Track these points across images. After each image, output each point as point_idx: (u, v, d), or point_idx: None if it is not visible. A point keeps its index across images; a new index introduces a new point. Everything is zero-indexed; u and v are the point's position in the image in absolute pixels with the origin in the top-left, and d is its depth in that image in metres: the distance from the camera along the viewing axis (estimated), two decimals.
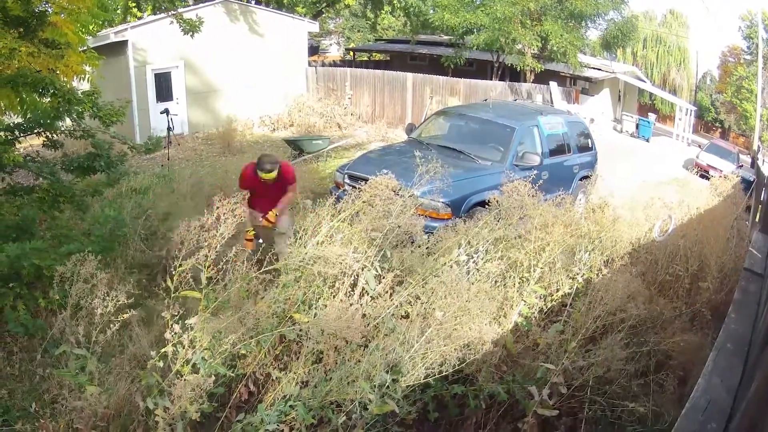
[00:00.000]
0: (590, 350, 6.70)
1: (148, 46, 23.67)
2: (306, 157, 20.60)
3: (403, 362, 5.89)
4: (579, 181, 14.94)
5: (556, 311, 7.94)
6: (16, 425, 6.66)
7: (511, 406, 6.47)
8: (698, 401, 3.85)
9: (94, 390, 5.71)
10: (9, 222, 7.96)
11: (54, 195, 8.58)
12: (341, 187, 12.77)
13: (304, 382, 5.72)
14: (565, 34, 29.45)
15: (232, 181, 13.02)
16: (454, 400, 6.53)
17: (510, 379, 6.53)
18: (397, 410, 5.55)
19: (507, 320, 7.33)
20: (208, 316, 5.73)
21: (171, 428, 5.33)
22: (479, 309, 6.30)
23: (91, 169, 8.92)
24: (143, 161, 16.22)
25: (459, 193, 11.54)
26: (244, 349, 5.85)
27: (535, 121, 13.90)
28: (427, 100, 28.61)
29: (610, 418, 6.54)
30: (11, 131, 8.54)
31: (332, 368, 5.83)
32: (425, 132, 14.77)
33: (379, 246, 7.38)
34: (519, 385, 6.39)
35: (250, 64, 27.25)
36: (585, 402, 6.64)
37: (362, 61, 50.10)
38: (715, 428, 3.60)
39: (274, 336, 6.00)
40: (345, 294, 6.61)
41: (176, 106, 24.77)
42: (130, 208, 11.16)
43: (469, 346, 6.02)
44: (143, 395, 5.60)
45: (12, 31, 7.66)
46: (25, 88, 7.93)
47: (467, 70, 37.17)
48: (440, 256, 7.57)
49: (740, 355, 4.50)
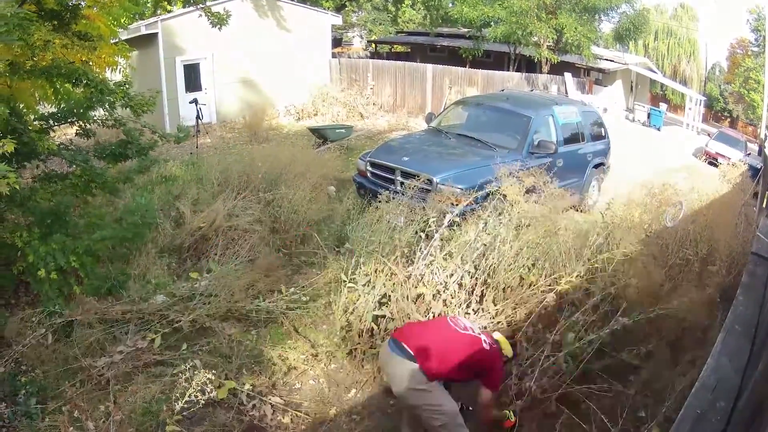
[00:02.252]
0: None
1: (177, 38, 23.68)
2: (329, 145, 20.54)
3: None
4: (592, 169, 14.86)
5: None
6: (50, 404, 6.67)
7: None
8: (708, 380, 3.86)
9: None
10: (44, 208, 7.96)
11: (87, 181, 8.55)
12: (363, 175, 12.76)
13: None
14: (579, 27, 29.20)
15: (259, 168, 13.01)
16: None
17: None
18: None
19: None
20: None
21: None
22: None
23: (123, 156, 8.92)
24: (173, 149, 16.21)
25: (477, 179, 11.42)
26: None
27: (550, 111, 13.83)
28: (447, 91, 28.49)
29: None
30: (46, 120, 8.53)
31: None
32: (444, 121, 14.73)
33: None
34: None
35: (275, 55, 27.16)
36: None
37: (384, 52, 49.97)
38: (724, 406, 3.61)
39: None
40: None
41: (205, 96, 24.72)
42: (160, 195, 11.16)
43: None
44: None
45: (47, 24, 7.62)
46: (59, 79, 7.94)
47: (485, 61, 37.04)
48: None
49: (748, 336, 4.52)
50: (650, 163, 21.35)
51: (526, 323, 7.26)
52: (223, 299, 8.43)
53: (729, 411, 3.60)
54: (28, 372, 7.38)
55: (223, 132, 23.99)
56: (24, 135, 7.50)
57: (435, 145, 13.24)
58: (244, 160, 13.90)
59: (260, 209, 11.37)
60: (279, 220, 11.28)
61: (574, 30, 29.05)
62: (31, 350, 7.44)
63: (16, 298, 8.43)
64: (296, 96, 28.16)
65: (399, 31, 50.45)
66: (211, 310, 8.21)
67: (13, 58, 7.38)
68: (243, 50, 25.79)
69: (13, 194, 6.64)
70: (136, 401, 6.72)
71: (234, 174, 12.78)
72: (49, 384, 7.13)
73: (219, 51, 24.98)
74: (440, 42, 42.33)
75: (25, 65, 7.52)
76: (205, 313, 8.13)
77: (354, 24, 51.47)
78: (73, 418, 6.42)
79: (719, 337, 4.42)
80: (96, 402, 6.82)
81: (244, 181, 12.52)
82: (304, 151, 16.66)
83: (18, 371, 7.35)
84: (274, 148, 16.75)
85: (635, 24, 32.46)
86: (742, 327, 4.61)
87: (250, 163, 13.44)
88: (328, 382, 7.72)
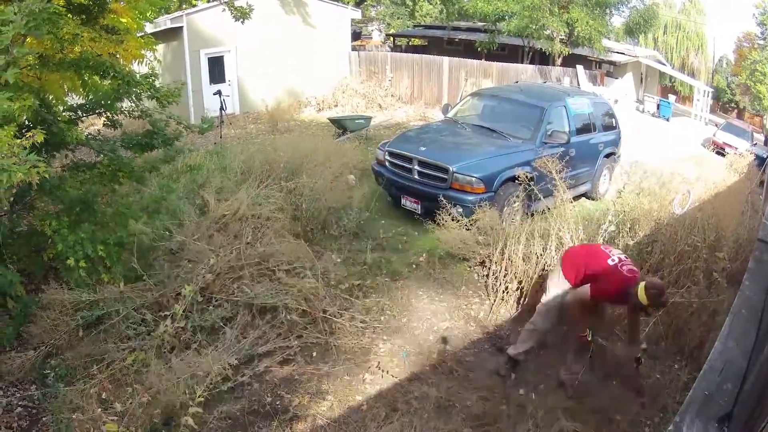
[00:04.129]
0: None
1: (202, 32, 23.72)
2: (349, 136, 20.49)
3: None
4: (604, 158, 14.78)
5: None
6: (77, 384, 6.66)
7: None
8: (715, 363, 3.89)
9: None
10: (73, 196, 7.93)
11: (114, 170, 8.53)
12: (382, 164, 12.75)
13: None
14: (590, 21, 29.09)
15: (281, 158, 12.98)
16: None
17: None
18: None
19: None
20: None
21: None
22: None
23: (149, 146, 8.88)
24: (197, 139, 16.18)
25: (492, 168, 11.47)
26: None
27: (563, 102, 13.74)
28: (462, 82, 28.43)
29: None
30: (74, 111, 8.49)
31: None
32: (460, 112, 14.68)
33: None
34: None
35: (297, 48, 27.10)
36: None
37: (401, 46, 49.94)
38: (731, 388, 3.62)
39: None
40: None
41: (228, 88, 24.76)
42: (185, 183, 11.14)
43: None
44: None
45: (75, 17, 7.57)
46: (87, 71, 7.90)
47: (499, 54, 36.95)
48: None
49: (754, 320, 4.55)
50: (660, 153, 21.26)
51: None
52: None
53: (736, 393, 3.62)
54: (57, 355, 7.39)
55: (246, 122, 24.00)
56: (53, 126, 7.47)
57: (451, 136, 13.21)
58: (267, 149, 13.89)
59: (282, 197, 11.34)
60: (300, 208, 11.24)
61: (586, 24, 28.95)
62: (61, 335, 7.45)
63: (46, 284, 8.42)
64: (317, 88, 28.12)
65: (416, 24, 50.41)
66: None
67: (43, 51, 7.35)
68: (266, 43, 25.77)
69: (43, 183, 6.61)
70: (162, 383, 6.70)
71: (257, 163, 12.76)
72: (78, 367, 7.13)
73: (242, 44, 24.98)
74: (456, 35, 42.22)
75: (55, 58, 7.49)
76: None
77: (373, 18, 51.46)
78: (101, 399, 6.42)
79: (726, 321, 4.49)
80: (123, 384, 6.82)
81: (267, 170, 12.49)
82: (325, 141, 16.66)
83: (48, 354, 7.36)
84: (295, 138, 16.77)
85: (645, 18, 32.41)
86: (748, 311, 4.65)
87: (272, 152, 13.42)
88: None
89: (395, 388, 7.38)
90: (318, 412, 6.82)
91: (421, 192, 11.89)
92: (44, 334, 7.43)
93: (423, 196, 11.88)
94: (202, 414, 6.40)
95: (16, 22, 5.04)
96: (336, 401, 7.07)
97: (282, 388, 7.20)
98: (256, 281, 8.44)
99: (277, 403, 6.96)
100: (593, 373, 7.47)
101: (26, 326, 7.64)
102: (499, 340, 8.62)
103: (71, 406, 6.38)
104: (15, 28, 5.02)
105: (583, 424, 6.53)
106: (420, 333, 8.70)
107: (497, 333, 8.89)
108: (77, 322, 7.52)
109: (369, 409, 6.90)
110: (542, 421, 6.54)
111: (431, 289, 9.91)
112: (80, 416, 6.14)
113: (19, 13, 5.15)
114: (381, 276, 9.87)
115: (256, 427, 6.57)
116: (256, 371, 7.27)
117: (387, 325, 8.69)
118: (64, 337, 7.48)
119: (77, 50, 7.74)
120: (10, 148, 5.01)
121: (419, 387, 7.36)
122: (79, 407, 6.30)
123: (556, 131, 12.81)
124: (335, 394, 7.19)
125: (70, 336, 7.51)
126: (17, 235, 8.41)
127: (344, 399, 7.13)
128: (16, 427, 6.42)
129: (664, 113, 34.43)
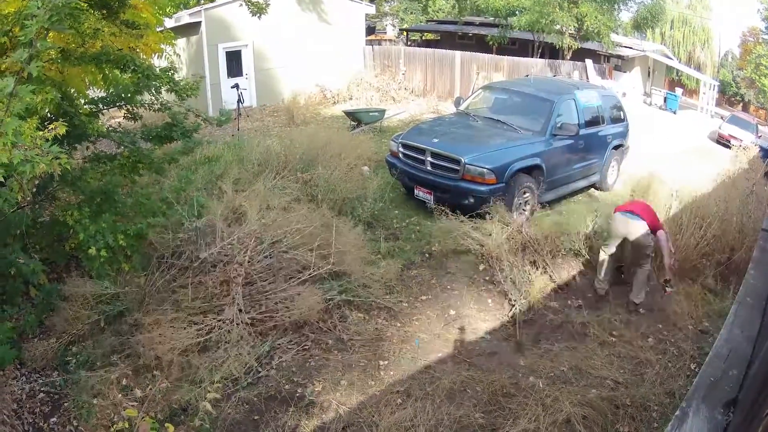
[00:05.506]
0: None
1: (220, 27, 23.67)
2: (363, 128, 20.43)
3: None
4: (612, 150, 14.69)
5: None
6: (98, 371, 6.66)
7: None
8: (721, 350, 3.94)
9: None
10: (94, 187, 7.93)
11: (134, 161, 8.54)
12: (396, 155, 12.73)
13: None
14: (599, 16, 28.92)
15: (297, 149, 12.96)
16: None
17: None
18: None
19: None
20: None
21: None
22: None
23: (168, 138, 8.87)
24: (215, 131, 16.19)
25: (503, 160, 11.46)
26: None
27: (572, 95, 13.67)
28: (474, 76, 28.32)
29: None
30: (95, 104, 8.50)
31: None
32: (472, 105, 14.63)
33: None
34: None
35: (313, 42, 26.97)
36: None
37: (414, 40, 49.83)
38: (736, 374, 3.65)
39: None
40: None
41: (245, 81, 24.76)
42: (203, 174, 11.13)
43: None
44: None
45: (96, 12, 7.56)
46: (108, 65, 7.90)
47: (510, 48, 36.75)
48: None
49: (759, 308, 4.60)
50: (666, 145, 21.21)
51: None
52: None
53: (741, 378, 3.66)
54: (79, 343, 7.39)
55: (263, 115, 23.95)
56: (75, 118, 7.46)
57: (463, 128, 13.18)
58: (283, 141, 13.88)
59: (298, 188, 11.34)
60: (316, 199, 11.22)
61: (595, 18, 28.80)
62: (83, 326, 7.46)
63: (67, 273, 8.42)
64: (332, 81, 28.02)
65: (429, 19, 50.22)
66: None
67: (65, 46, 7.34)
68: (282, 38, 25.69)
69: (65, 174, 6.62)
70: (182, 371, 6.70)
71: (273, 155, 12.74)
72: (99, 355, 7.13)
73: (260, 38, 24.93)
74: (468, 30, 42.05)
75: (76, 52, 7.48)
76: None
77: (386, 13, 51.28)
78: (122, 386, 6.42)
79: (732, 309, 4.56)
80: (143, 371, 6.82)
81: (283, 162, 12.49)
82: (340, 133, 16.62)
83: (69, 342, 7.36)
84: (311, 130, 16.70)
85: (652, 13, 32.31)
86: (753, 299, 4.72)
87: (288, 144, 13.40)
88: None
89: (409, 375, 7.35)
90: (333, 398, 6.79)
91: (434, 183, 11.84)
92: (66, 323, 7.44)
93: (435, 187, 11.83)
94: (219, 399, 6.39)
95: (39, 16, 5.01)
96: (351, 388, 7.04)
97: (298, 375, 7.18)
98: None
99: (293, 390, 6.93)
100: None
101: (49, 316, 7.65)
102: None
103: (92, 392, 6.38)
104: (38, 21, 4.99)
105: (591, 410, 6.49)
106: (432, 321, 8.66)
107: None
108: (99, 315, 7.54)
109: (383, 395, 6.87)
110: (551, 407, 6.49)
111: (444, 278, 9.86)
112: (101, 402, 6.15)
113: (43, 7, 5.12)
114: (394, 264, 9.82)
115: (273, 412, 6.54)
116: (273, 363, 7.27)
117: (400, 312, 8.66)
118: (86, 328, 7.49)
119: (98, 44, 7.75)
120: (33, 140, 5.00)
121: (432, 373, 7.33)
122: (100, 393, 6.30)
123: (565, 124, 12.73)
124: (350, 380, 7.15)
125: (92, 327, 7.52)
126: (40, 225, 8.44)
127: (359, 386, 7.09)
128: (39, 412, 6.43)
129: (671, 106, 34.26)
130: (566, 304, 9.32)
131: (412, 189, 12.56)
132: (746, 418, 3.11)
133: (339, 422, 6.38)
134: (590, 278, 9.90)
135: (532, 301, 9.11)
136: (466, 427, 6.37)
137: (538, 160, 11.95)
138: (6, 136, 4.63)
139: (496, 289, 9.52)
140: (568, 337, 8.34)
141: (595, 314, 8.90)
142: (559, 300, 9.41)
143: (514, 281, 9.23)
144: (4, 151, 4.62)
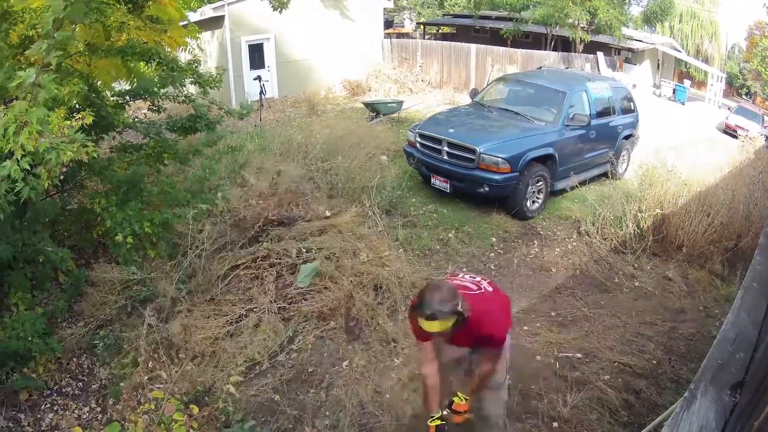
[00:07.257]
0: None
1: (243, 20, 23.65)
2: (382, 119, 20.36)
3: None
4: (623, 140, 14.57)
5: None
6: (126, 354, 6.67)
7: None
8: (728, 333, 3.86)
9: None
10: (120, 176, 7.95)
11: (159, 151, 8.56)
12: (413, 145, 12.69)
13: None
14: (610, 10, 28.89)
15: (317, 139, 12.93)
16: None
17: None
18: None
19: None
20: None
21: None
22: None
23: (193, 129, 8.90)
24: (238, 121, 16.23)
25: (517, 149, 11.37)
26: None
27: (584, 86, 13.54)
28: (489, 68, 28.20)
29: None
30: (122, 96, 8.54)
31: None
32: (487, 96, 14.52)
33: None
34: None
35: (332, 35, 26.94)
36: None
37: (431, 33, 49.72)
38: (743, 357, 3.61)
39: None
40: None
41: (267, 73, 24.70)
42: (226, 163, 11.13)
43: None
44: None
45: (121, 7, 7.53)
46: (133, 58, 7.87)
47: (524, 41, 36.59)
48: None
49: (765, 293, 4.47)
50: (675, 135, 21.10)
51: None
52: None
53: (747, 361, 3.60)
54: (107, 326, 7.39)
55: (284, 106, 23.94)
56: (102, 109, 7.47)
57: (478, 118, 13.08)
58: (304, 132, 13.86)
59: (318, 177, 11.31)
60: (336, 187, 11.18)
61: (606, 12, 28.75)
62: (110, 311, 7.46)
63: (95, 259, 8.42)
64: (351, 73, 27.93)
65: (445, 13, 50.12)
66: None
67: (91, 39, 7.32)
68: (303, 31, 25.64)
69: (93, 163, 6.65)
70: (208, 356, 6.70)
71: (294, 145, 12.72)
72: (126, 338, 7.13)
73: (281, 31, 24.90)
74: (483, 23, 41.87)
75: (103, 45, 7.47)
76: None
77: (404, 7, 51.17)
78: (147, 368, 6.41)
79: (738, 294, 4.42)
80: (169, 354, 6.81)
81: (304, 151, 12.46)
82: (359, 123, 16.60)
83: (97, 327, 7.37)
84: (331, 121, 16.69)
85: (661, 7, 32.38)
86: (759, 285, 4.59)
87: (309, 134, 13.38)
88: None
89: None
90: (353, 379, 6.76)
91: (450, 171, 11.77)
92: (94, 308, 7.45)
93: (452, 176, 11.77)
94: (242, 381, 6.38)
95: (54, 7, 4.96)
96: (371, 371, 6.99)
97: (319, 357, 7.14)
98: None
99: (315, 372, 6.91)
100: None
101: (77, 301, 7.67)
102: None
103: (120, 374, 6.38)
104: (54, 12, 4.94)
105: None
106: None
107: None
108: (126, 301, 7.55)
109: (401, 378, 6.82)
110: (576, 386, 6.44)
111: (459, 265, 9.79)
112: (128, 383, 6.15)
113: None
114: (412, 251, 9.75)
115: (294, 393, 6.52)
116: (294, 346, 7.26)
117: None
118: (113, 312, 7.49)
119: (124, 38, 7.76)
120: (60, 129, 4.97)
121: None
122: (127, 375, 6.30)
123: (577, 114, 12.63)
124: (369, 363, 7.10)
125: (119, 312, 7.52)
126: (68, 213, 8.48)
127: (379, 369, 7.04)
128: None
129: (679, 97, 34.18)
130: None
131: (429, 177, 12.46)
132: (752, 400, 3.09)
133: (357, 404, 6.35)
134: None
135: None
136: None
137: (551, 149, 11.85)
138: (31, 125, 4.60)
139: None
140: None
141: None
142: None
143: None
144: (30, 140, 4.59)
